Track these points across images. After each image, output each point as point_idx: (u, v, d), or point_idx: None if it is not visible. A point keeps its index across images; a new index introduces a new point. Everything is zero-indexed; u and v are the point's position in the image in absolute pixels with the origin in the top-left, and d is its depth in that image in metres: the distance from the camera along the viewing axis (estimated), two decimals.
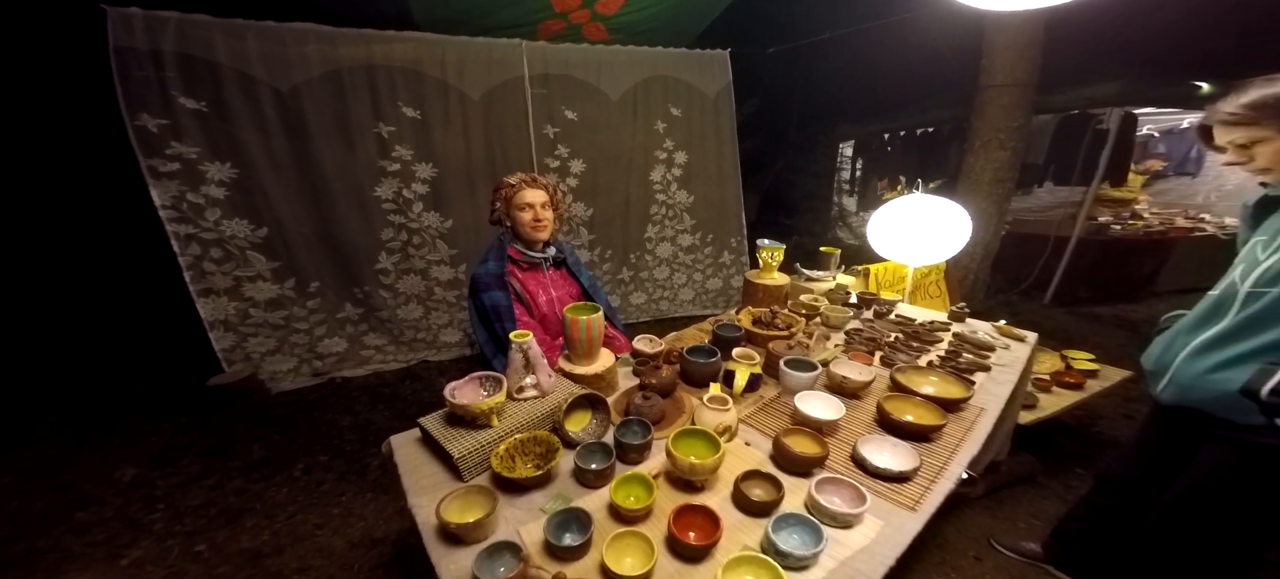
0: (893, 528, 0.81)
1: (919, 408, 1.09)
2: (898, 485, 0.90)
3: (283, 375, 2.71)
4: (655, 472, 0.89)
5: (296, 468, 2.09)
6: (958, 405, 1.12)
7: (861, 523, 0.81)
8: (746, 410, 1.17)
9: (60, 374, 2.79)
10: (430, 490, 0.86)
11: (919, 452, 0.96)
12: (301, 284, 2.61)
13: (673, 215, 3.55)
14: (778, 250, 1.86)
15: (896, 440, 0.98)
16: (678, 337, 1.72)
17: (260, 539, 1.68)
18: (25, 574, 1.50)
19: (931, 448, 1.01)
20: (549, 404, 1.04)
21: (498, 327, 1.47)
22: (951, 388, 1.19)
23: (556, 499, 0.85)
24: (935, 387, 1.20)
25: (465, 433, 0.91)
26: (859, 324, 1.73)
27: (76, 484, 1.94)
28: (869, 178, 6.46)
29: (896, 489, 0.89)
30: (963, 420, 1.11)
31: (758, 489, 0.86)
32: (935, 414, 1.05)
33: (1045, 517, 1.78)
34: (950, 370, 1.29)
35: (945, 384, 1.21)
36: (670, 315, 3.86)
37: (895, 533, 0.80)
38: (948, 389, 1.18)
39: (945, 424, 1.03)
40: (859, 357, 1.38)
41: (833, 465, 0.94)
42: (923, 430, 1.01)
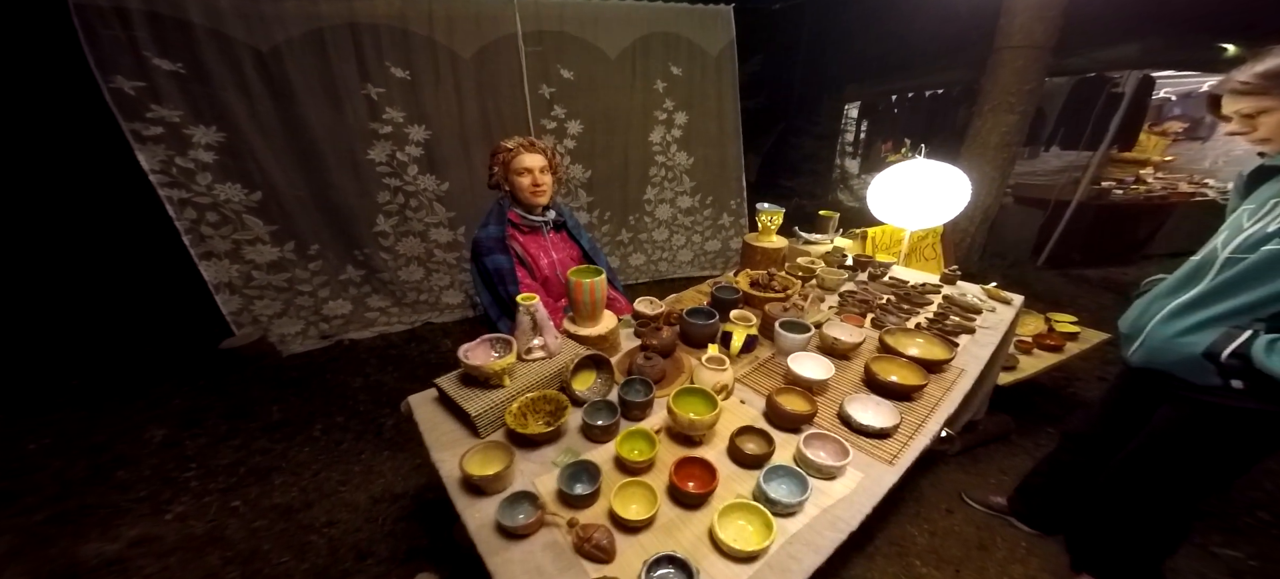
0: (871, 480, 0.89)
1: (903, 368, 1.16)
2: (878, 441, 0.98)
3: (292, 338, 2.78)
4: (657, 427, 0.96)
5: (315, 428, 2.19)
6: (940, 366, 1.19)
7: (844, 475, 0.89)
8: (742, 370, 1.24)
9: (77, 339, 2.85)
10: (451, 446, 0.93)
11: (900, 410, 1.04)
12: (301, 247, 2.62)
13: (672, 177, 3.51)
14: (777, 214, 1.88)
15: (880, 399, 1.05)
16: (677, 298, 1.77)
17: (290, 495, 1.80)
18: (82, 528, 1.61)
19: (912, 406, 1.08)
20: (556, 364, 1.10)
21: (501, 289, 1.51)
22: (935, 349, 1.25)
23: (567, 452, 0.92)
24: (920, 348, 1.27)
25: (479, 392, 0.98)
26: (853, 286, 1.78)
27: (110, 445, 2.04)
28: (873, 140, 6.34)
29: (877, 444, 0.97)
30: (943, 380, 1.18)
31: (751, 443, 0.93)
32: (918, 375, 1.12)
33: (1015, 472, 1.88)
34: (936, 332, 1.35)
35: (930, 346, 1.27)
36: (669, 276, 3.91)
37: (873, 484, 0.88)
38: (932, 351, 1.25)
39: (927, 384, 1.10)
40: (851, 318, 1.44)
41: (820, 422, 1.02)
42: (905, 390, 1.09)
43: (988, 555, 1.57)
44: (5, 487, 1.79)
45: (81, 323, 2.99)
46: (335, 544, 1.61)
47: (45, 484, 1.81)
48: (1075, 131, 4.27)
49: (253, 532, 1.64)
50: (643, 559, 0.70)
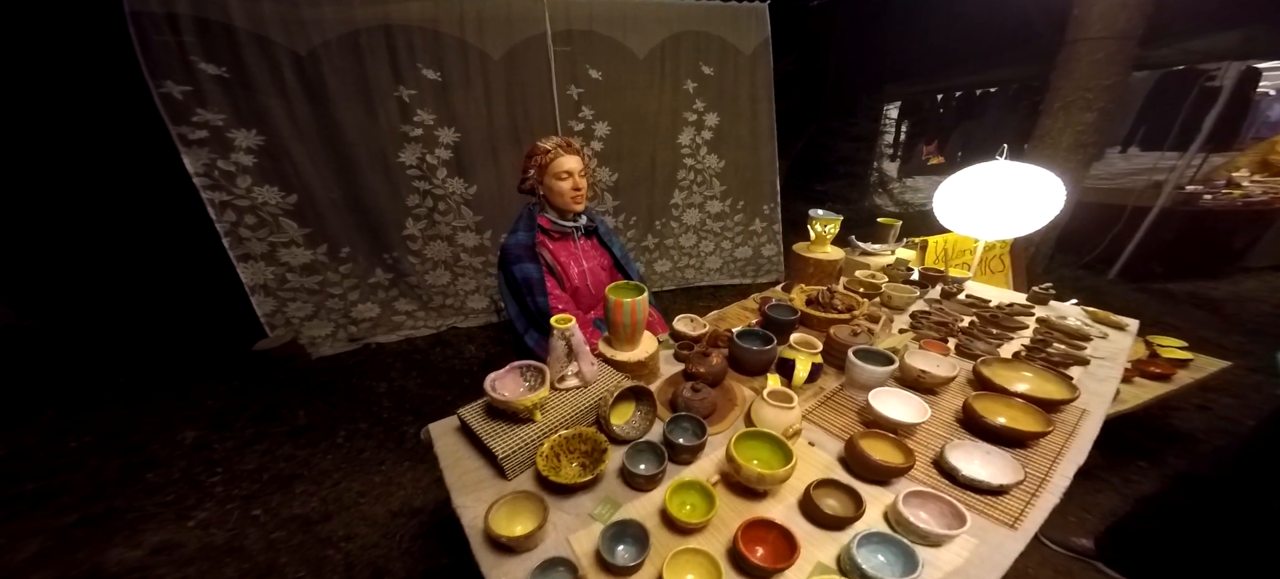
0: (989, 547, 0.71)
1: (1013, 408, 0.95)
2: (991, 498, 0.79)
3: (321, 340, 2.78)
4: (712, 476, 0.81)
5: (339, 435, 2.15)
6: (1057, 407, 0.98)
7: (952, 542, 0.71)
8: (807, 403, 1.07)
9: (126, 337, 2.94)
10: (474, 489, 0.80)
11: (1017, 460, 0.84)
12: (333, 249, 2.62)
13: (701, 181, 3.36)
14: (833, 222, 1.69)
15: (988, 447, 0.86)
16: (720, 316, 1.61)
17: (310, 505, 1.74)
18: (108, 533, 1.60)
19: (1028, 456, 0.88)
20: (592, 395, 0.97)
21: (529, 300, 1.40)
22: (1049, 386, 1.04)
23: (606, 503, 0.78)
24: (1030, 384, 1.06)
25: (507, 427, 0.85)
26: (924, 306, 1.57)
27: (145, 445, 2.06)
28: (915, 142, 5.98)
29: (990, 502, 0.78)
30: (1063, 422, 0.97)
31: (832, 500, 0.77)
32: (1036, 418, 0.92)
33: (1098, 511, 1.68)
34: (1043, 363, 1.14)
35: (1042, 381, 1.06)
36: (696, 284, 3.76)
37: (992, 552, 0.70)
38: (1045, 387, 1.04)
39: (1051, 430, 0.89)
40: (932, 345, 1.24)
41: (917, 474, 0.84)
42: (1020, 436, 0.89)
43: None
44: (44, 485, 1.81)
45: (130, 321, 3.10)
46: (351, 560, 1.53)
47: (80, 484, 1.82)
48: (1159, 130, 3.84)
49: (271, 543, 1.58)
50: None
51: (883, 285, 1.61)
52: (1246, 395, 2.23)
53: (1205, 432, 2.10)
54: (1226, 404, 2.23)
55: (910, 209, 5.77)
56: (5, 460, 1.94)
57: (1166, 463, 1.90)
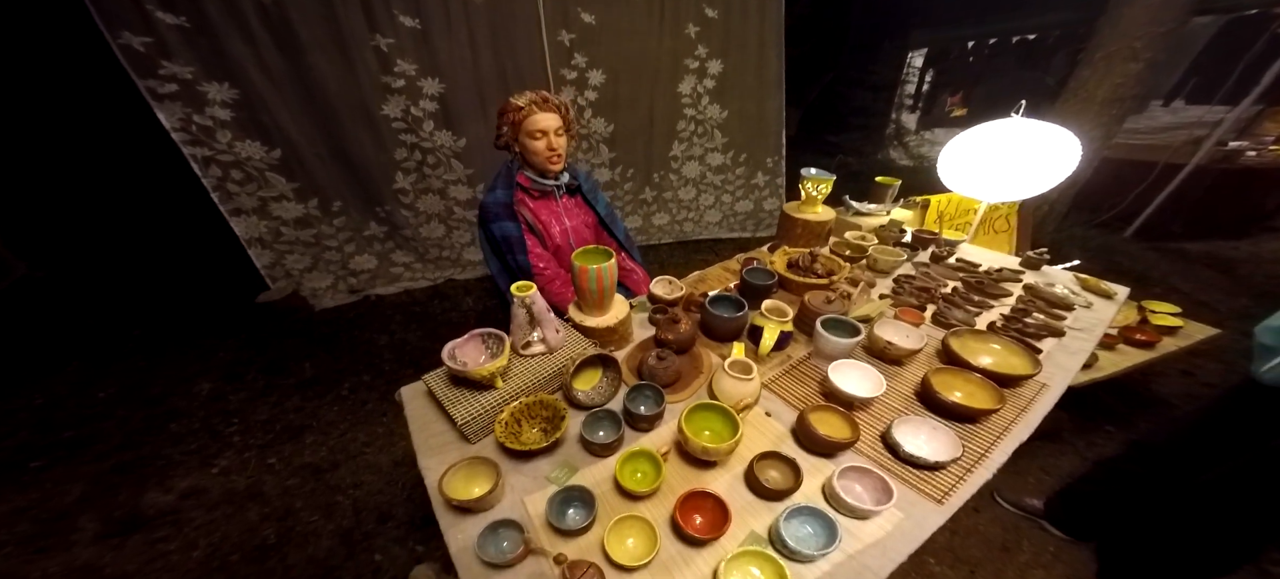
0: (913, 522, 0.75)
1: (971, 385, 0.97)
2: (927, 473, 0.82)
3: (322, 292, 2.86)
4: (664, 447, 0.85)
5: (344, 387, 2.27)
6: (1018, 382, 0.99)
7: (879, 515, 0.75)
8: (771, 372, 1.09)
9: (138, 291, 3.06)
10: (439, 452, 0.86)
11: (962, 436, 0.87)
12: (324, 203, 2.62)
13: (703, 132, 3.23)
14: (825, 182, 1.64)
15: (937, 422, 0.88)
16: (701, 277, 1.61)
17: (319, 455, 1.88)
18: (141, 479, 1.75)
19: (976, 430, 0.91)
20: (557, 361, 1.00)
21: (510, 258, 1.40)
22: (1014, 360, 1.04)
23: (563, 468, 0.83)
24: (995, 357, 1.06)
25: (469, 393, 0.89)
26: (911, 269, 1.55)
27: (165, 396, 2.20)
28: (939, 93, 5.58)
29: (926, 476, 0.82)
30: (1019, 397, 0.98)
31: (773, 472, 0.80)
32: (990, 395, 0.93)
33: (1058, 473, 1.75)
34: (1015, 335, 1.13)
35: (1007, 354, 1.06)
36: (694, 238, 3.72)
37: (914, 527, 0.74)
38: (1009, 361, 1.04)
39: (999, 408, 0.91)
40: (907, 313, 1.23)
41: (863, 447, 0.87)
42: (971, 413, 0.91)
43: (1009, 558, 1.48)
44: (79, 434, 1.96)
45: (140, 273, 3.21)
46: (359, 505, 1.67)
47: (111, 433, 1.97)
48: (1213, 82, 3.52)
49: (286, 489, 1.72)
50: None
51: (870, 248, 1.58)
52: (1234, 362, 2.21)
53: (1182, 397, 2.11)
54: (1211, 369, 2.23)
55: (925, 162, 5.53)
56: (42, 409, 2.10)
57: (1134, 428, 1.93)
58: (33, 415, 2.05)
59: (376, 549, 1.49)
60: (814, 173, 1.68)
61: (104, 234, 3.40)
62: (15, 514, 1.57)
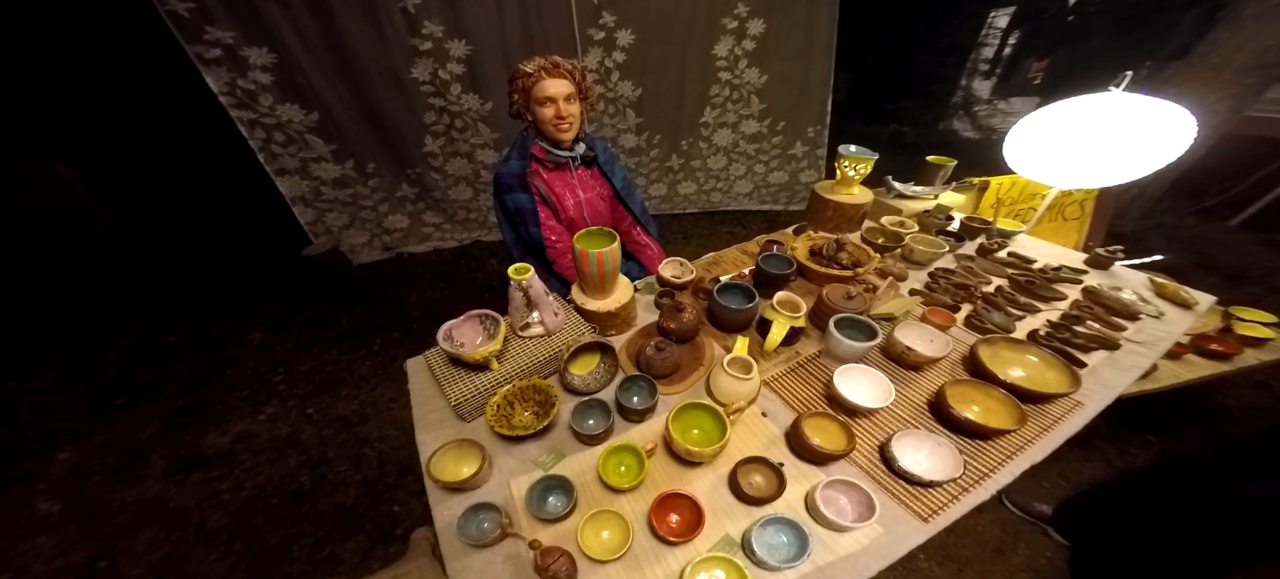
0: (892, 538, 0.73)
1: (993, 399, 0.90)
2: (919, 489, 0.80)
3: (360, 248, 3.07)
4: (650, 444, 0.86)
5: (376, 343, 2.45)
6: (1048, 400, 0.92)
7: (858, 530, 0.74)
8: (775, 367, 1.07)
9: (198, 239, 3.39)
10: (436, 428, 0.92)
11: (968, 453, 0.82)
12: (360, 165, 2.76)
13: (738, 98, 3.05)
14: (864, 161, 1.51)
15: (943, 438, 0.84)
16: (715, 259, 1.57)
17: (351, 407, 2.06)
18: (202, 421, 2.00)
19: (985, 448, 0.86)
20: (555, 344, 1.02)
21: (522, 230, 1.43)
22: (1049, 376, 0.96)
23: (551, 453, 0.87)
24: (1029, 371, 0.98)
25: (466, 373, 0.94)
26: (952, 262, 1.43)
27: (224, 343, 2.47)
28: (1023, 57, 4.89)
29: (918, 492, 0.79)
30: (1045, 415, 0.91)
31: (758, 476, 0.80)
32: (1010, 415, 0.87)
33: (1078, 480, 1.64)
34: (1058, 347, 1.04)
35: (1044, 368, 0.98)
36: (721, 208, 3.61)
37: (892, 543, 0.73)
38: (1043, 378, 0.96)
39: (1015, 430, 0.85)
40: (937, 313, 1.15)
41: (857, 457, 0.85)
42: (984, 431, 0.85)
43: (1000, 560, 1.46)
44: (155, 374, 2.26)
45: (204, 224, 3.54)
46: (384, 458, 1.83)
47: (180, 375, 2.25)
48: None
49: (322, 439, 1.91)
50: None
51: (907, 237, 1.47)
52: None
53: (1248, 411, 1.87)
54: None
55: (995, 136, 4.98)
56: (126, 350, 2.42)
57: (1180, 440, 1.75)
58: (119, 355, 2.38)
59: (396, 500, 1.65)
60: (853, 150, 1.56)
61: (176, 188, 3.76)
62: (104, 447, 1.86)
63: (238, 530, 1.55)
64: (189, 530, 1.55)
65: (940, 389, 0.91)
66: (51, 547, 1.48)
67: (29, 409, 2.03)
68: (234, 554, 1.48)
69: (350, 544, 1.51)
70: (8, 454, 1.79)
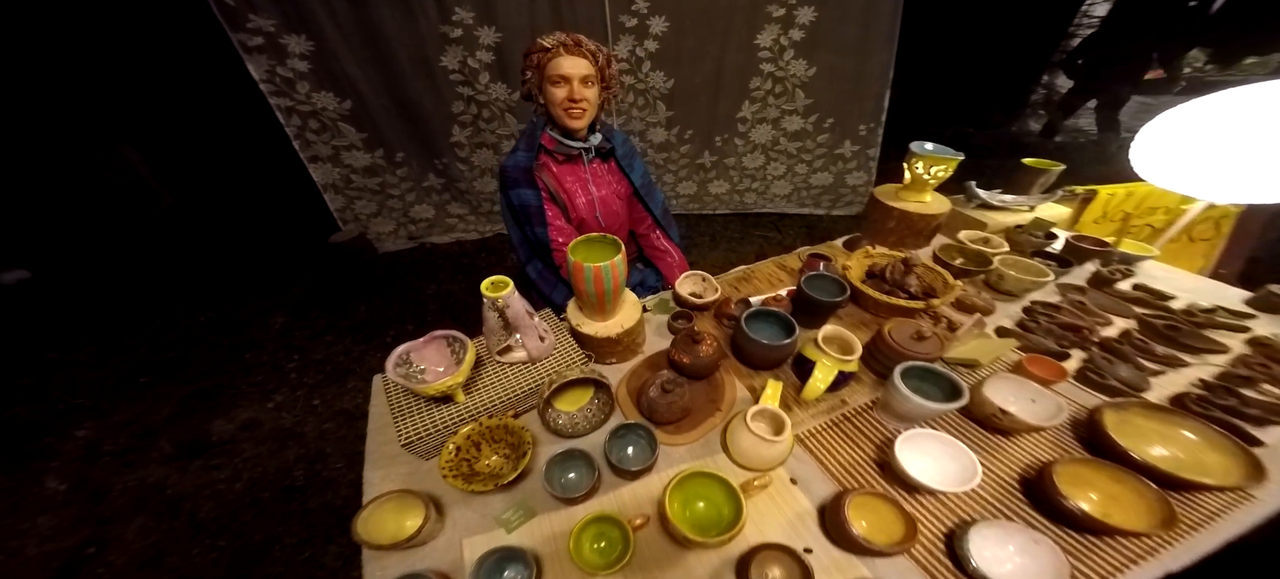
0: None
1: (1121, 486, 0.66)
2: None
3: (386, 237, 3.12)
4: (639, 519, 0.69)
5: (388, 335, 2.44)
6: (1206, 490, 0.66)
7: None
8: (812, 418, 0.87)
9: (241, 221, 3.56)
10: (387, 465, 0.80)
11: (1075, 552, 0.61)
12: (389, 154, 2.77)
13: (782, 91, 2.80)
14: (944, 163, 1.26)
15: (1039, 535, 0.61)
16: (746, 274, 1.37)
17: (356, 401, 2.03)
18: (213, 406, 2.03)
19: (1097, 545, 0.63)
20: (539, 373, 0.88)
21: (528, 229, 1.30)
22: (1211, 458, 0.70)
23: (519, 509, 0.72)
24: (1176, 451, 0.72)
25: (427, 402, 0.80)
26: (1056, 294, 1.16)
27: (247, 326, 2.53)
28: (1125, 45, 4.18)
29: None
30: (1199, 507, 0.66)
31: (775, 569, 0.61)
32: (1148, 509, 0.62)
33: None
34: (1222, 418, 0.77)
35: (1201, 449, 0.71)
36: (755, 210, 3.38)
37: None
38: (1201, 460, 0.70)
39: (1159, 532, 0.61)
40: (1039, 363, 0.90)
41: (917, 552, 0.64)
42: (1104, 528, 0.62)
43: None
44: (180, 354, 2.33)
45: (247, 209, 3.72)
46: None
47: (201, 357, 2.32)
48: None
49: (322, 433, 1.88)
50: None
51: (995, 259, 1.21)
52: None
53: None
54: None
55: (1081, 139, 4.33)
56: (159, 328, 2.54)
57: None
58: (151, 333, 2.49)
59: None
60: (930, 148, 1.30)
61: (222, 172, 3.99)
62: (119, 426, 1.91)
63: (226, 524, 1.52)
64: (180, 520, 1.54)
65: (1045, 468, 0.68)
66: (50, 527, 1.52)
67: (63, 382, 2.15)
68: (217, 549, 1.45)
69: (332, 548, 1.44)
70: (34, 427, 1.89)
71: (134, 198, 3.51)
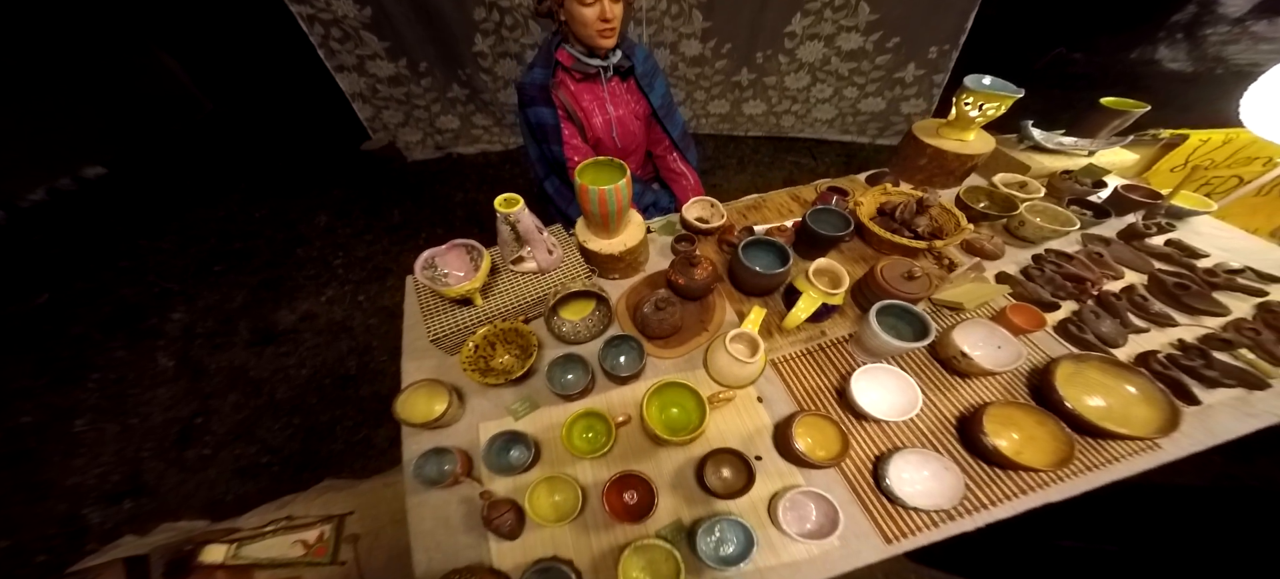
0: (843, 552, 0.71)
1: (1044, 429, 0.76)
2: (898, 509, 0.74)
3: (413, 145, 3.28)
4: (621, 416, 0.86)
5: (421, 237, 2.69)
6: (1115, 438, 0.76)
7: None
8: (791, 345, 0.99)
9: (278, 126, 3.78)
10: (420, 357, 1.00)
11: (973, 484, 0.75)
12: (412, 64, 2.83)
13: (842, 4, 2.57)
14: (997, 101, 1.21)
15: (953, 463, 0.74)
16: (758, 202, 1.43)
17: (395, 299, 2.31)
18: (277, 296, 2.37)
19: (1000, 478, 0.76)
20: (547, 283, 1.02)
21: (545, 147, 1.39)
22: (1137, 413, 0.78)
23: (525, 401, 0.91)
24: (1112, 403, 0.81)
25: (450, 305, 0.98)
26: (1074, 244, 1.17)
27: (297, 223, 2.84)
28: None
29: (894, 512, 0.74)
30: (1106, 452, 0.77)
31: (727, 470, 0.78)
32: (1054, 450, 0.73)
33: None
34: (1173, 376, 0.83)
35: (1135, 404, 0.79)
36: (792, 134, 3.25)
37: (841, 558, 0.71)
38: (1127, 415, 0.78)
39: (1050, 469, 0.73)
40: (1021, 312, 0.96)
41: (846, 467, 0.79)
42: (1011, 465, 0.74)
43: None
44: (244, 246, 2.68)
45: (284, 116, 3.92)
46: None
47: (262, 250, 2.65)
48: None
49: (368, 328, 2.20)
50: (536, 557, 0.71)
51: (1023, 206, 1.20)
52: None
53: None
54: None
55: (1219, 70, 3.63)
56: (223, 221, 2.88)
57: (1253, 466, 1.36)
58: (217, 225, 2.85)
59: None
60: (987, 83, 1.23)
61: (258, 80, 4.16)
62: (205, 311, 2.29)
63: (298, 405, 1.89)
64: (262, 399, 1.91)
65: (979, 408, 0.78)
66: (167, 398, 1.93)
67: (155, 267, 2.55)
68: (293, 426, 1.82)
69: (381, 431, 1.78)
70: (140, 308, 2.30)
71: (178, 103, 3.76)
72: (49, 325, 2.22)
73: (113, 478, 1.69)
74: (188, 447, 1.77)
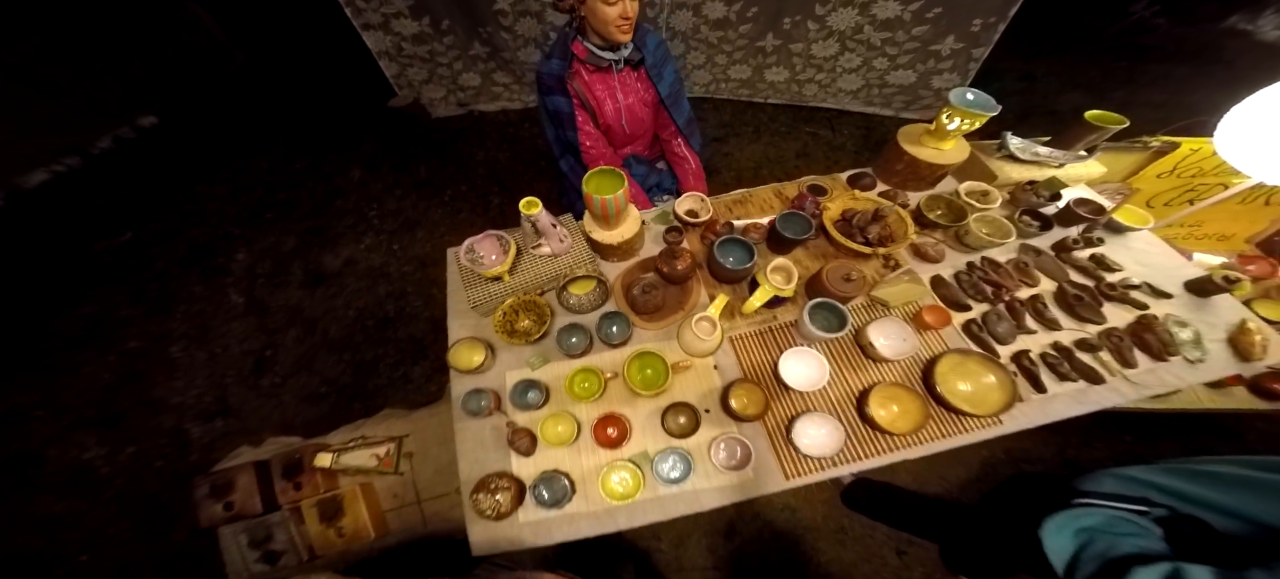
0: (756, 482, 1.04)
1: (917, 404, 1.06)
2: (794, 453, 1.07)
3: (437, 103, 3.52)
4: (610, 373, 1.19)
5: (446, 193, 3.00)
6: (966, 415, 1.06)
7: None
8: (748, 325, 1.29)
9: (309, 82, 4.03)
10: (461, 316, 1.34)
11: (853, 441, 1.07)
12: (435, 22, 3.01)
13: None
14: (973, 117, 1.38)
15: (841, 424, 1.05)
16: (743, 198, 1.68)
17: (425, 250, 2.67)
18: (322, 243, 2.75)
19: (875, 438, 1.08)
20: (559, 265, 1.34)
21: (561, 131, 1.62)
22: (990, 398, 1.07)
23: (539, 356, 1.25)
24: (974, 389, 1.10)
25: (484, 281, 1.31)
26: (1010, 253, 1.41)
27: (333, 176, 3.18)
28: None
29: (794, 456, 1.07)
30: (955, 424, 1.08)
31: (682, 418, 1.11)
32: (911, 416, 1.05)
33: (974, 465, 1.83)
34: (1031, 370, 1.12)
35: (991, 391, 1.08)
36: (814, 104, 3.31)
37: (753, 485, 1.04)
38: (982, 399, 1.07)
39: (903, 435, 1.04)
40: (932, 312, 1.24)
41: (768, 419, 1.11)
42: (885, 431, 1.05)
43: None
44: (289, 196, 3.04)
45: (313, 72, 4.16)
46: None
47: (304, 200, 3.02)
48: None
49: (402, 275, 2.57)
50: (542, 469, 1.07)
51: (971, 218, 1.42)
52: None
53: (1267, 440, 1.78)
54: None
55: None
56: (267, 171, 3.24)
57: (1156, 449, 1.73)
58: (263, 176, 3.21)
59: None
60: (970, 100, 1.40)
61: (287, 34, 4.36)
62: (263, 253, 2.69)
63: (347, 343, 2.30)
64: (318, 336, 2.33)
65: (867, 389, 1.09)
66: (241, 332, 2.36)
67: (216, 212, 2.94)
68: (344, 362, 2.23)
69: (417, 368, 2.18)
70: (208, 248, 2.72)
71: (211, 54, 4.02)
72: (133, 261, 2.66)
73: (206, 400, 2.14)
74: (262, 376, 2.21)
